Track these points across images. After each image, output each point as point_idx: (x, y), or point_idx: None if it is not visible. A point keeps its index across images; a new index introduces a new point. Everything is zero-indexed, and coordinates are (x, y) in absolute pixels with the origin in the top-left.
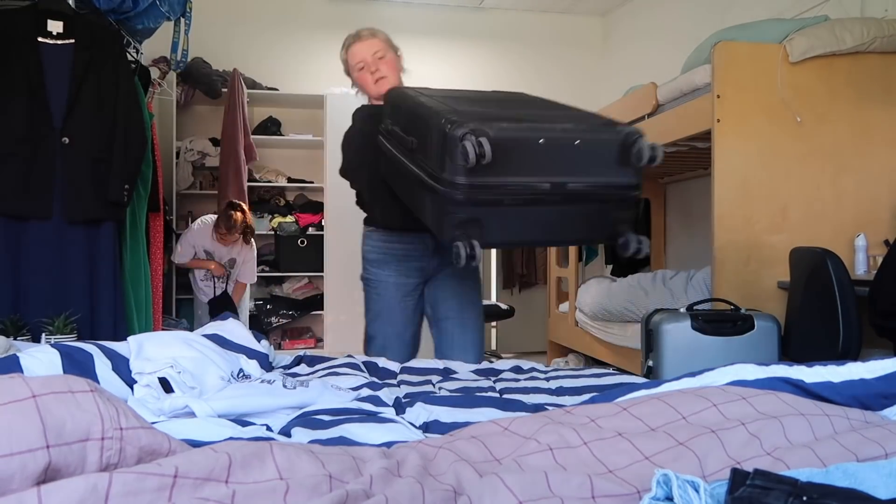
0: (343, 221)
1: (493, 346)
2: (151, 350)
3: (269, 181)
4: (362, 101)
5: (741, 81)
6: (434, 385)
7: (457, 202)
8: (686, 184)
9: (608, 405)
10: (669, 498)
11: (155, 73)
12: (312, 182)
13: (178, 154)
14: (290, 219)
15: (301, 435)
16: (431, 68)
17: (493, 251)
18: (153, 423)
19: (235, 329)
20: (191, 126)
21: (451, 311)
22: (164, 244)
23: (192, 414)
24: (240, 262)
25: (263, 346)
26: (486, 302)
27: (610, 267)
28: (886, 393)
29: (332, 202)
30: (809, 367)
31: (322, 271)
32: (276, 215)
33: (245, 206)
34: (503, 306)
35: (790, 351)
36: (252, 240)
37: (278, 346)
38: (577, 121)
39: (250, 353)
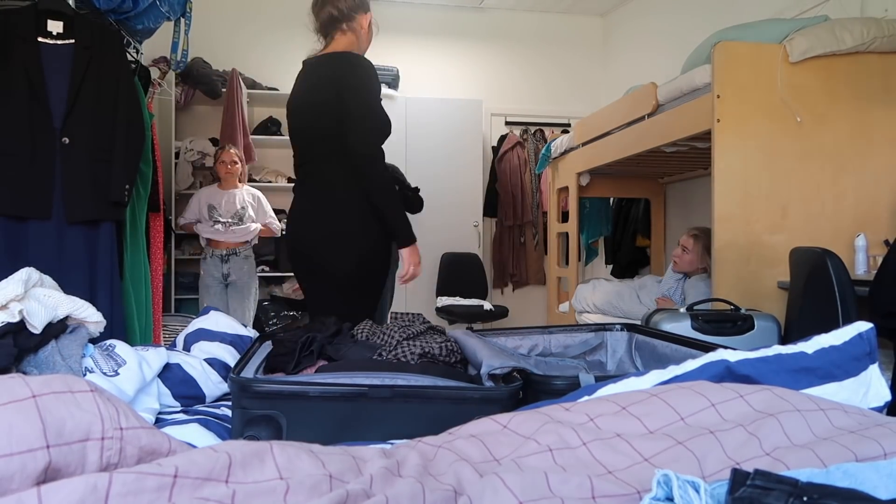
0: None
1: None
2: None
3: (269, 181)
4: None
5: (741, 81)
6: None
7: None
8: (686, 184)
9: (606, 403)
10: (670, 498)
11: (155, 73)
12: None
13: (177, 154)
14: None
15: None
16: (431, 68)
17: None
18: None
19: (221, 319)
20: (191, 126)
21: None
22: (163, 244)
23: None
24: (249, 202)
25: (250, 332)
26: (477, 303)
27: (610, 267)
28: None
29: None
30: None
31: None
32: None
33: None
34: (487, 306)
35: None
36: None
37: None
38: None
39: (225, 338)
